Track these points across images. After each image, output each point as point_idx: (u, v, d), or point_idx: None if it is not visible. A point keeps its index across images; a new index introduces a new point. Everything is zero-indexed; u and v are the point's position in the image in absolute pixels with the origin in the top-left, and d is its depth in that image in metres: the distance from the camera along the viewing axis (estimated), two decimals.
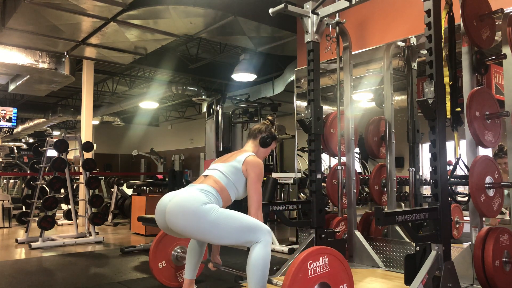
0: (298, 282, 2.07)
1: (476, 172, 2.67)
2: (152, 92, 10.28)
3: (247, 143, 2.71)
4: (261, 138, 2.66)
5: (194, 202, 2.21)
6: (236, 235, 2.22)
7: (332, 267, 2.20)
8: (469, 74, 2.94)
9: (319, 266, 2.15)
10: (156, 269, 3.06)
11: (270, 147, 2.70)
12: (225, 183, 2.41)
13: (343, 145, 3.90)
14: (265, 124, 2.74)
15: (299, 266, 2.07)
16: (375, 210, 2.19)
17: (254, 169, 2.44)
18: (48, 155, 6.22)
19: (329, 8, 3.37)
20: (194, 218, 2.18)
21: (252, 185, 2.42)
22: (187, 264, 2.66)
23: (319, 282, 2.14)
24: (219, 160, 2.62)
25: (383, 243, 3.59)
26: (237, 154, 2.55)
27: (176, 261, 3.14)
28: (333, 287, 2.20)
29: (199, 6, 5.00)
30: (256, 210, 2.39)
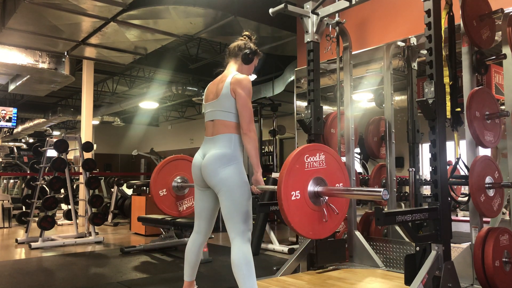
0: (294, 172, 2.16)
1: (476, 172, 2.67)
2: (152, 92, 10.28)
3: (228, 64, 2.61)
4: (242, 55, 2.57)
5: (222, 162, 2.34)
6: (236, 207, 2.30)
7: (328, 165, 2.28)
8: (469, 74, 2.94)
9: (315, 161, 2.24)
10: (157, 196, 3.12)
11: (253, 63, 2.62)
12: (231, 119, 2.42)
13: (343, 145, 3.90)
14: (242, 40, 2.63)
15: (296, 158, 2.17)
16: (375, 210, 2.20)
17: (240, 85, 2.40)
18: (48, 155, 6.22)
19: (329, 8, 3.37)
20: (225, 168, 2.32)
21: (241, 101, 2.38)
22: (185, 265, 2.65)
23: (315, 176, 2.20)
24: (210, 95, 2.55)
25: (383, 243, 3.59)
26: (222, 79, 2.49)
27: (177, 190, 3.19)
28: (329, 183, 2.29)
29: (199, 6, 5.00)
30: (248, 124, 2.37)
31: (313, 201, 2.27)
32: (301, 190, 2.21)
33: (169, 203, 3.19)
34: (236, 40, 2.64)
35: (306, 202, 2.24)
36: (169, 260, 4.61)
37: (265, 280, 2.91)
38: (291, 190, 2.19)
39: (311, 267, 3.25)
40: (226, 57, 2.63)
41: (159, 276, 3.83)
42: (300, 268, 3.27)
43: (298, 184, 2.21)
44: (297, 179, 2.22)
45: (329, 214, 2.30)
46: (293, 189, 2.19)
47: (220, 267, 4.17)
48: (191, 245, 2.65)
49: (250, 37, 2.66)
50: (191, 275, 2.64)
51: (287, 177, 2.16)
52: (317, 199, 2.28)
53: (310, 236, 2.32)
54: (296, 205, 2.19)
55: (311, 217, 2.25)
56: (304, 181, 2.24)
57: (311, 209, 2.26)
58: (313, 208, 2.26)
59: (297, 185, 2.21)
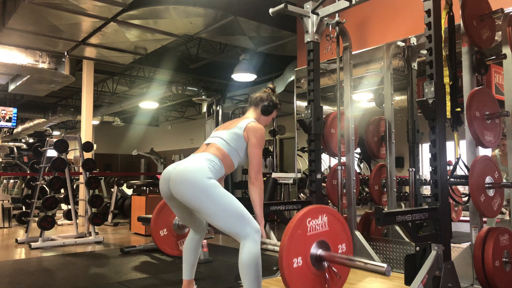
0: (297, 239, 2.09)
1: (476, 172, 2.67)
2: (152, 92, 10.28)
3: (248, 111, 2.71)
4: (262, 106, 2.66)
5: (198, 174, 2.23)
6: (227, 218, 2.22)
7: (331, 226, 2.22)
8: (469, 74, 2.94)
9: (318, 224, 2.17)
10: (157, 236, 3.07)
11: (271, 115, 2.70)
12: (227, 150, 2.43)
13: (343, 145, 3.90)
14: (266, 92, 2.73)
15: (298, 222, 2.10)
16: (375, 210, 2.20)
17: (255, 134, 2.45)
18: (48, 155, 6.22)
19: (329, 8, 3.37)
20: (195, 189, 2.21)
21: (252, 150, 2.43)
22: (184, 264, 2.65)
23: (317, 240, 2.14)
24: (221, 127, 2.62)
25: (383, 243, 3.59)
26: (238, 120, 2.56)
27: (178, 230, 3.15)
28: (332, 246, 2.22)
29: (199, 6, 5.00)
30: (256, 173, 2.39)
31: (315, 266, 2.17)
32: (303, 256, 2.13)
33: (170, 242, 3.13)
34: (259, 91, 2.75)
35: (308, 268, 2.15)
36: (169, 260, 4.60)
37: (265, 280, 2.90)
38: (293, 257, 2.10)
39: None
40: (248, 104, 2.73)
41: (159, 276, 3.83)
42: None
43: (300, 250, 2.13)
44: (299, 245, 2.13)
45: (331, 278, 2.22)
46: (295, 256, 2.11)
47: (220, 267, 4.17)
48: (188, 243, 2.65)
49: (273, 90, 2.77)
50: (189, 274, 2.64)
51: (289, 244, 2.07)
52: (320, 263, 2.20)
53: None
54: (298, 272, 2.11)
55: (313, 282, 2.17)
56: (307, 246, 2.16)
57: (313, 274, 2.17)
58: (315, 273, 2.18)
59: (299, 251, 2.12)
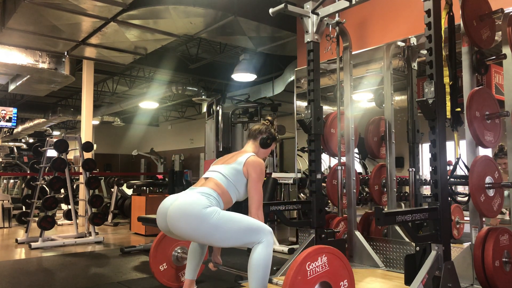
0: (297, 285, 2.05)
1: (476, 172, 2.67)
2: (152, 92, 10.27)
3: (247, 144, 2.73)
4: (261, 139, 2.68)
5: (196, 206, 2.21)
6: (238, 237, 2.23)
7: (331, 266, 2.19)
8: (469, 74, 2.94)
9: (318, 266, 2.14)
10: (157, 271, 3.06)
11: (270, 147, 2.72)
12: (226, 186, 2.42)
13: (343, 145, 3.90)
14: (264, 124, 2.75)
15: (298, 268, 2.05)
16: (375, 210, 2.19)
17: (255, 169, 2.45)
18: (48, 155, 6.22)
19: (329, 8, 3.37)
20: (196, 222, 2.18)
21: (253, 185, 2.43)
22: (188, 264, 2.66)
23: (319, 282, 2.12)
24: (220, 161, 2.61)
25: (383, 243, 3.59)
26: (237, 155, 2.56)
27: (177, 262, 3.13)
28: (334, 285, 2.19)
29: (199, 6, 5.00)
30: (257, 210, 2.40)
31: None
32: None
33: (170, 276, 3.11)
34: (258, 124, 2.79)
35: None
36: None
37: None
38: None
39: None
40: (247, 136, 2.75)
41: None
42: None
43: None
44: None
45: None
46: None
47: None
48: (195, 244, 2.65)
49: (272, 122, 2.80)
50: (193, 274, 2.65)
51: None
52: None
53: None
54: None
55: None
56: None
57: None
58: None
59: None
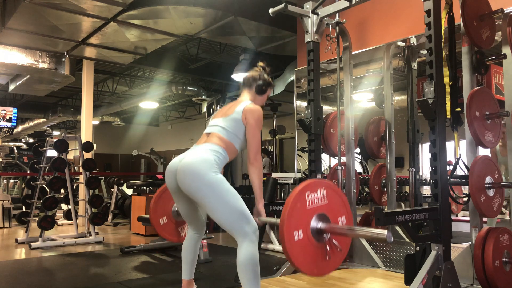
0: (296, 212, 2.11)
1: (476, 172, 2.67)
2: (152, 92, 10.27)
3: (242, 93, 2.67)
4: (256, 86, 2.63)
5: (205, 167, 2.27)
6: (229, 214, 2.25)
7: (330, 200, 2.23)
8: (469, 74, 2.94)
9: (317, 197, 2.19)
10: (157, 225, 3.10)
11: (266, 93, 2.68)
12: (228, 138, 2.43)
13: (343, 145, 3.90)
14: (257, 71, 2.69)
15: (297, 196, 2.11)
16: (375, 210, 2.19)
17: (253, 115, 2.44)
18: (48, 155, 6.22)
19: (329, 8, 3.37)
20: (201, 182, 2.24)
21: (251, 131, 2.42)
22: (183, 264, 2.64)
23: (317, 213, 2.17)
24: (218, 114, 2.58)
25: (383, 243, 3.59)
26: (235, 105, 2.53)
27: (177, 216, 3.17)
28: (332, 219, 2.24)
29: (199, 6, 5.00)
30: (255, 154, 2.40)
31: (316, 238, 2.21)
32: (303, 229, 2.15)
33: (170, 230, 3.14)
34: (250, 71, 2.71)
35: (309, 240, 2.18)
36: (169, 260, 4.61)
37: (265, 280, 2.91)
38: (294, 230, 2.12)
39: None
40: (241, 86, 2.69)
41: (159, 276, 3.83)
42: None
43: (300, 224, 2.15)
44: (299, 218, 2.16)
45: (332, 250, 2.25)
46: (296, 229, 2.13)
47: (220, 267, 4.17)
48: (187, 242, 2.65)
49: (265, 68, 2.72)
50: (189, 274, 2.63)
51: (289, 217, 2.09)
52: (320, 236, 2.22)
53: (314, 274, 2.25)
54: (299, 245, 2.13)
55: (314, 254, 2.19)
56: (307, 219, 2.18)
57: (314, 246, 2.20)
58: (316, 246, 2.20)
59: (300, 225, 2.15)
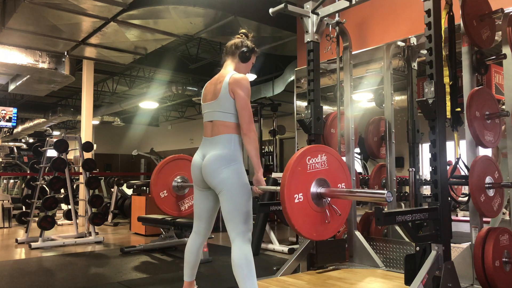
0: (297, 175, 2.16)
1: (476, 172, 2.67)
2: (152, 92, 10.27)
3: (225, 63, 2.59)
4: (239, 53, 2.55)
5: (225, 161, 2.33)
6: (239, 206, 2.29)
7: (330, 166, 2.29)
8: (469, 74, 2.94)
9: (317, 162, 2.24)
10: (158, 197, 3.12)
11: (250, 60, 2.60)
12: (230, 119, 2.41)
13: (343, 145, 3.90)
14: (239, 38, 2.61)
15: (298, 160, 2.17)
16: (375, 210, 2.20)
17: (240, 85, 2.38)
18: (48, 155, 6.22)
19: (329, 8, 3.37)
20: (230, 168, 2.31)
21: (241, 102, 2.37)
22: (185, 266, 2.65)
23: (317, 177, 2.20)
24: (208, 94, 2.52)
25: (383, 243, 3.59)
26: (221, 80, 2.46)
27: (177, 190, 3.19)
28: (331, 184, 2.28)
29: (199, 6, 5.00)
30: (248, 124, 2.36)
31: (316, 203, 2.26)
32: (304, 192, 2.21)
33: (170, 203, 3.19)
34: (233, 38, 2.62)
35: (309, 204, 2.24)
36: (169, 260, 4.61)
37: (265, 280, 2.91)
38: (294, 192, 2.18)
39: (311, 267, 3.25)
40: (223, 55, 2.62)
41: (159, 276, 3.83)
42: (300, 268, 3.27)
43: (301, 187, 2.21)
44: (299, 181, 2.21)
45: (331, 215, 2.30)
46: (296, 192, 2.19)
47: (220, 267, 4.17)
48: (190, 245, 2.64)
49: (246, 34, 2.63)
50: (191, 275, 2.64)
51: (290, 180, 2.15)
52: (320, 201, 2.29)
53: (313, 238, 2.32)
54: (299, 207, 2.19)
55: (314, 219, 2.25)
56: (307, 183, 2.24)
57: (314, 210, 2.25)
58: (316, 210, 2.26)
59: (300, 188, 2.20)
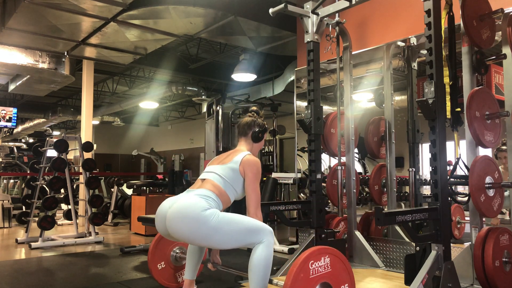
0: (299, 282, 2.07)
1: (476, 172, 2.67)
2: (152, 92, 10.27)
3: (239, 142, 2.65)
4: (252, 133, 2.61)
5: (195, 209, 2.19)
6: (238, 239, 2.23)
7: (333, 267, 2.20)
8: (469, 74, 2.94)
9: (320, 266, 2.15)
10: (155, 270, 3.06)
11: (262, 140, 2.65)
12: (223, 186, 2.39)
13: (343, 145, 3.90)
14: (251, 117, 2.65)
15: (301, 266, 2.07)
16: (375, 210, 2.19)
17: (251, 168, 2.42)
18: (48, 155, 6.22)
19: (329, 8, 3.37)
20: (195, 225, 2.16)
21: (251, 185, 2.40)
22: (187, 264, 2.66)
23: (320, 282, 2.14)
24: (215, 161, 2.57)
25: (383, 243, 3.59)
26: (233, 154, 2.51)
27: (175, 262, 3.13)
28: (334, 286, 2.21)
29: (199, 6, 5.00)
30: (255, 209, 2.38)
31: None
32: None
33: (168, 276, 3.11)
34: (244, 116, 2.68)
35: None
36: None
37: None
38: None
39: None
40: (236, 135, 2.70)
41: None
42: None
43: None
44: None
45: None
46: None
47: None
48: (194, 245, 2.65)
49: (258, 112, 2.70)
50: (192, 274, 2.64)
51: None
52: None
53: None
54: None
55: None
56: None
57: None
58: None
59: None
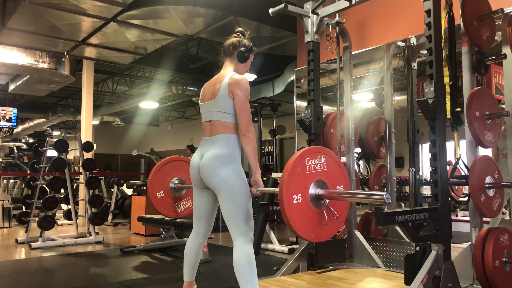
0: (296, 175, 2.17)
1: (476, 172, 2.67)
2: (152, 92, 10.28)
3: (224, 63, 2.58)
4: (238, 53, 2.54)
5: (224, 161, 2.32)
6: (239, 206, 2.29)
7: (329, 167, 2.31)
8: (469, 74, 2.94)
9: (316, 164, 2.26)
10: (154, 198, 3.11)
11: (249, 60, 2.59)
12: (229, 120, 2.40)
13: (343, 145, 3.90)
14: (236, 37, 2.59)
15: (297, 161, 2.18)
16: (375, 210, 2.20)
17: (239, 87, 2.37)
18: (48, 155, 6.22)
19: (329, 8, 3.37)
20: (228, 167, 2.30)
21: (240, 103, 2.36)
22: (185, 266, 2.65)
23: (316, 179, 2.22)
24: (207, 95, 2.52)
25: (383, 243, 3.59)
26: (220, 80, 2.46)
27: (174, 192, 3.17)
28: (330, 186, 2.30)
29: (199, 6, 5.00)
30: (246, 125, 2.35)
31: (314, 204, 2.27)
32: (302, 193, 2.21)
33: (166, 205, 3.17)
34: (229, 38, 2.60)
35: (308, 205, 2.24)
36: (169, 260, 4.61)
37: (265, 280, 2.91)
38: (293, 193, 2.19)
39: (311, 267, 3.25)
40: (221, 56, 2.61)
41: (159, 276, 3.83)
42: (300, 268, 3.27)
43: (299, 188, 2.21)
44: (298, 182, 2.22)
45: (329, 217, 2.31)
46: (295, 193, 2.19)
47: (220, 267, 4.17)
48: (190, 245, 2.64)
49: (243, 33, 2.61)
50: (190, 276, 2.64)
51: (288, 180, 2.16)
52: (318, 202, 2.29)
53: (311, 239, 2.32)
54: (297, 208, 2.19)
55: (312, 220, 2.26)
56: (306, 184, 2.25)
57: (312, 212, 2.26)
58: (314, 211, 2.27)
59: (299, 189, 2.21)
